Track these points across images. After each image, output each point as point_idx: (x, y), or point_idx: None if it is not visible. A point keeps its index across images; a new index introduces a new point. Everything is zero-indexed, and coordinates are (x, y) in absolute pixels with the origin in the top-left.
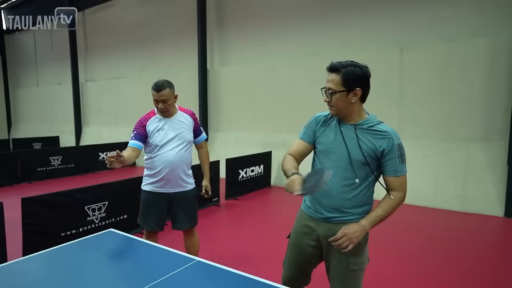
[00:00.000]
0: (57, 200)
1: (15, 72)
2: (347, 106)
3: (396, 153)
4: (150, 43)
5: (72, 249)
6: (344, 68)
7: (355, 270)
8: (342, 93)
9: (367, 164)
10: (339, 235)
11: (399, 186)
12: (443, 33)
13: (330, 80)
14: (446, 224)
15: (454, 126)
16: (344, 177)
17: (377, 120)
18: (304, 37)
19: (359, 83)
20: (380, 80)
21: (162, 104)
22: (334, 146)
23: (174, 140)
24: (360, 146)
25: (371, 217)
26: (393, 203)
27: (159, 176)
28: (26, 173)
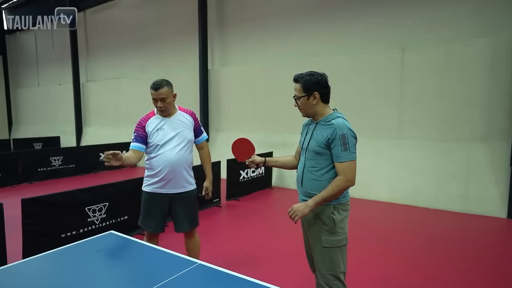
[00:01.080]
0: (57, 201)
1: (16, 72)
2: (310, 108)
3: (339, 141)
4: (151, 43)
5: (72, 252)
6: (302, 78)
7: (329, 247)
8: (304, 98)
9: (321, 153)
10: (288, 209)
11: (341, 170)
12: (444, 33)
13: (295, 89)
14: (448, 225)
15: (455, 127)
16: (308, 166)
17: (336, 116)
18: (304, 38)
19: (316, 88)
20: (380, 80)
21: (161, 103)
22: (304, 142)
23: (174, 139)
24: (315, 138)
25: (314, 197)
26: (333, 185)
27: (160, 176)
28: (27, 173)
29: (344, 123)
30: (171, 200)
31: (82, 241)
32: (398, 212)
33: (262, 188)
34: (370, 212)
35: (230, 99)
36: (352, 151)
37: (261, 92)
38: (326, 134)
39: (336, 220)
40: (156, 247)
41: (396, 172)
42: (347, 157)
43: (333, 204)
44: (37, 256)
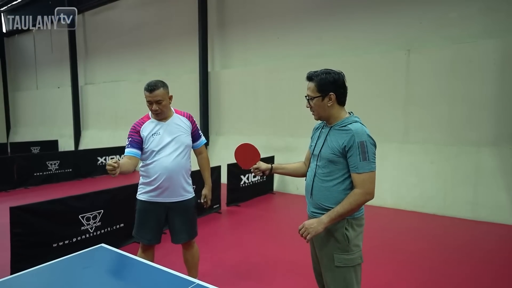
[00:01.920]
0: (48, 209)
1: (14, 75)
2: (325, 110)
3: (357, 150)
4: (150, 45)
5: (59, 268)
6: (316, 76)
7: (341, 267)
8: (318, 98)
9: (335, 161)
10: (300, 226)
11: (359, 183)
12: (451, 34)
13: (308, 88)
14: (457, 233)
15: (463, 130)
16: (319, 174)
17: (352, 120)
18: (307, 39)
19: (332, 88)
20: (385, 83)
21: (156, 106)
22: (316, 148)
23: (170, 144)
24: (329, 145)
25: (329, 212)
26: (351, 199)
27: (156, 184)
28: (23, 178)
29: (362, 129)
30: (168, 209)
31: (70, 256)
32: (404, 219)
33: (264, 194)
34: (375, 219)
35: (231, 101)
36: (372, 160)
37: (262, 95)
38: (342, 141)
39: (350, 237)
40: (149, 263)
41: (402, 177)
42: (366, 168)
43: (346, 219)
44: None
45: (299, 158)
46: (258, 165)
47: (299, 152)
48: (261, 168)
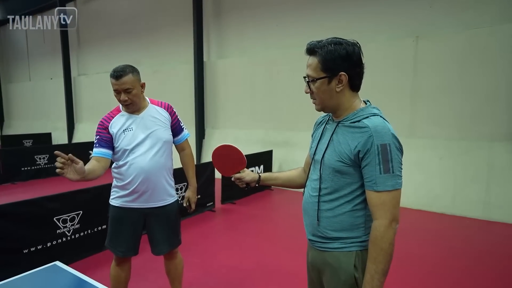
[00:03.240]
0: (19, 211)
1: (7, 67)
2: (331, 97)
3: (376, 156)
4: (144, 35)
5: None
6: (322, 48)
7: None
8: (323, 81)
9: (342, 172)
10: None
11: (378, 206)
12: (464, 19)
13: (308, 65)
14: (467, 234)
15: (476, 124)
16: (317, 189)
17: (370, 113)
18: (308, 27)
19: (343, 65)
20: (391, 73)
21: (125, 95)
22: (316, 151)
23: (146, 141)
24: (335, 148)
25: (367, 281)
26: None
27: (131, 187)
28: (10, 173)
29: (384, 126)
30: (146, 216)
31: (20, 276)
32: (411, 218)
33: (261, 190)
34: None
35: (227, 93)
36: (398, 173)
37: (261, 86)
38: (355, 143)
39: (358, 279)
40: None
41: (408, 174)
42: (388, 184)
43: (355, 251)
44: None
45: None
46: (241, 175)
47: (299, 148)
48: (245, 179)
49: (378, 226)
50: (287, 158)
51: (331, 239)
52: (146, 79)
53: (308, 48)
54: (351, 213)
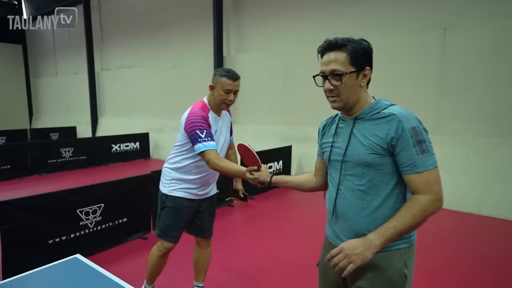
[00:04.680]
0: (43, 204)
1: (35, 62)
2: (355, 93)
3: (409, 140)
4: (163, 29)
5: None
6: (350, 43)
7: None
8: (352, 75)
9: (377, 164)
10: (334, 251)
11: (424, 186)
12: (496, 9)
13: (333, 60)
14: (494, 235)
15: (507, 120)
16: (352, 188)
17: (386, 104)
18: (329, 19)
19: (368, 61)
20: (416, 66)
21: (234, 96)
22: (334, 152)
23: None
24: (362, 143)
25: (381, 229)
26: (415, 210)
27: (201, 182)
28: (37, 165)
29: (408, 111)
30: (199, 204)
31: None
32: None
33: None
34: None
35: (246, 88)
36: (432, 152)
37: (280, 81)
38: (385, 131)
39: (408, 276)
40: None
41: None
42: (428, 163)
43: (404, 248)
44: None
45: None
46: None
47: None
48: (259, 179)
49: (421, 197)
50: (306, 153)
51: None
52: (165, 73)
53: (334, 44)
54: (393, 204)
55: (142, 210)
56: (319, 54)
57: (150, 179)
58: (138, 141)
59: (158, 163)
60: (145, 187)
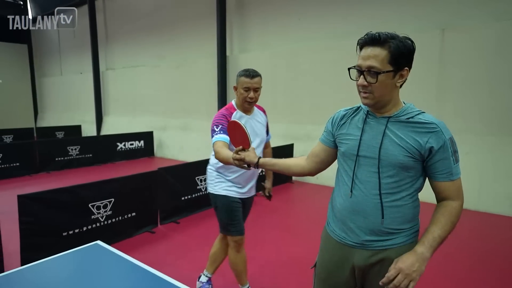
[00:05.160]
0: (57, 197)
1: (40, 61)
2: (389, 92)
3: (450, 151)
4: (168, 29)
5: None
6: (393, 40)
7: None
8: (389, 74)
9: (410, 167)
10: (392, 273)
11: (456, 192)
12: (496, 9)
13: (372, 56)
14: (493, 231)
15: (506, 118)
16: (387, 187)
17: (418, 110)
18: (330, 20)
19: (408, 61)
20: (416, 65)
21: (254, 93)
22: (361, 147)
23: (255, 141)
24: (397, 143)
25: (428, 240)
26: (453, 217)
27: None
28: (44, 163)
29: (442, 122)
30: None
31: (64, 253)
32: None
33: (283, 183)
34: None
35: None
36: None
37: (282, 80)
38: (425, 139)
39: None
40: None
41: None
42: (459, 171)
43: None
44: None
45: None
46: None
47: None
48: (246, 159)
49: (455, 204)
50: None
51: (395, 234)
52: (169, 73)
53: (374, 38)
54: (412, 204)
55: (150, 205)
56: (359, 46)
57: (158, 175)
58: (143, 139)
59: (162, 161)
60: (152, 183)
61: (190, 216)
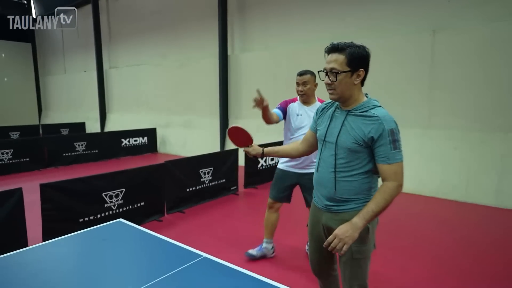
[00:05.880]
0: (74, 187)
1: (44, 60)
2: (349, 89)
3: (387, 139)
4: (171, 29)
5: (79, 239)
6: (349, 48)
7: (359, 258)
8: (347, 74)
9: (357, 151)
10: (330, 238)
11: (392, 174)
12: (484, 12)
13: (333, 60)
14: (479, 221)
15: (491, 116)
16: (340, 165)
17: (374, 105)
18: (329, 22)
19: (363, 63)
20: (409, 66)
21: (302, 87)
22: (327, 134)
23: (306, 127)
24: (349, 132)
25: (363, 213)
26: (386, 195)
27: None
28: (53, 158)
29: (389, 115)
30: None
31: (91, 229)
32: (425, 205)
33: None
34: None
35: (250, 86)
36: (401, 149)
37: (282, 79)
38: (368, 129)
39: (370, 228)
40: (162, 237)
41: (425, 163)
42: (397, 158)
43: None
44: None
45: None
46: (248, 150)
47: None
48: (252, 153)
49: (390, 184)
50: None
51: (347, 201)
52: (172, 72)
53: (334, 47)
54: (361, 180)
55: (157, 195)
56: (326, 53)
57: (165, 168)
58: (146, 136)
59: (165, 157)
60: (160, 175)
61: (195, 206)
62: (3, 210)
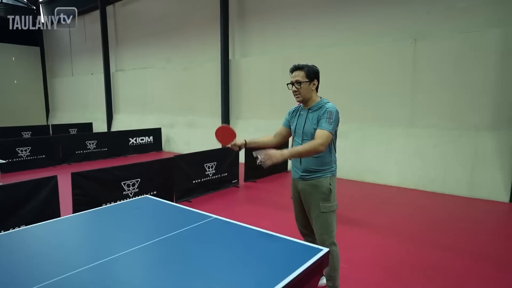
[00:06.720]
0: (99, 175)
1: (52, 63)
2: (308, 93)
3: (325, 115)
4: (175, 34)
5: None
6: (306, 66)
7: (326, 212)
8: (306, 83)
9: None
10: (262, 155)
11: (319, 135)
12: (458, 23)
13: (297, 75)
14: (453, 208)
15: (466, 115)
16: None
17: (326, 101)
18: (321, 29)
19: (316, 76)
20: (393, 71)
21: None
22: (297, 127)
23: None
24: (311, 122)
25: (290, 151)
26: (311, 144)
27: None
28: (66, 156)
29: (334, 106)
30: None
31: (127, 201)
32: (409, 196)
33: (278, 172)
34: (381, 196)
35: (249, 88)
36: (334, 126)
37: (279, 82)
38: (318, 114)
39: (332, 190)
40: (181, 206)
41: (408, 159)
42: (327, 127)
43: (329, 176)
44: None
45: None
46: (234, 142)
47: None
48: (237, 144)
49: (316, 141)
50: None
51: (314, 172)
52: (176, 75)
53: (297, 66)
54: (323, 155)
55: (168, 185)
56: (290, 71)
57: (174, 161)
58: (152, 135)
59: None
60: (170, 168)
61: (200, 196)
62: (43, 193)
